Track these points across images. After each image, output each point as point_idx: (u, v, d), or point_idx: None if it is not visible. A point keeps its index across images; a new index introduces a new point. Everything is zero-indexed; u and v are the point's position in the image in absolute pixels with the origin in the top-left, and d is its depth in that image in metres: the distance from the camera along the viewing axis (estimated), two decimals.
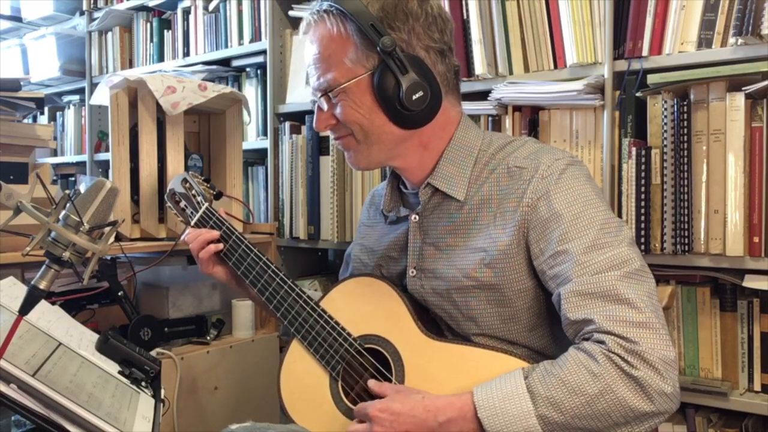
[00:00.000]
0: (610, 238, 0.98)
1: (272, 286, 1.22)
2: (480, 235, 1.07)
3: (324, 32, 1.06)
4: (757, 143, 1.41)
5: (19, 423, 1.07)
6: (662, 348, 0.89)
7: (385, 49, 1.01)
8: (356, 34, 1.03)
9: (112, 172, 1.67)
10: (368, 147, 1.09)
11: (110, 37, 2.99)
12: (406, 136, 1.08)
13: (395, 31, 1.03)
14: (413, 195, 1.17)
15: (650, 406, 0.88)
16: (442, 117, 1.09)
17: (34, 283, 0.84)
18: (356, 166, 1.14)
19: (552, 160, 1.05)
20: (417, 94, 1.03)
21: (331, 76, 1.06)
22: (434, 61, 1.07)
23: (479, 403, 0.91)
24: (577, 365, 0.90)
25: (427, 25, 1.06)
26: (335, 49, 1.05)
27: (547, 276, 1.01)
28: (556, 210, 1.00)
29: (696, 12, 1.49)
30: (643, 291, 0.94)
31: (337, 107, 1.07)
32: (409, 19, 1.04)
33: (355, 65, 1.05)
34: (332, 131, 1.12)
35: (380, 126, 1.06)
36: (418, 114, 1.05)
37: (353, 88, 1.05)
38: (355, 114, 1.06)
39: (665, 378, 0.88)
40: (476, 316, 1.07)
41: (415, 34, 1.05)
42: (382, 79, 1.03)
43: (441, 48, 1.08)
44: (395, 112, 1.04)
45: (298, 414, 1.15)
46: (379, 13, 1.03)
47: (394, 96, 1.03)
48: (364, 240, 1.27)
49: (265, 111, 2.31)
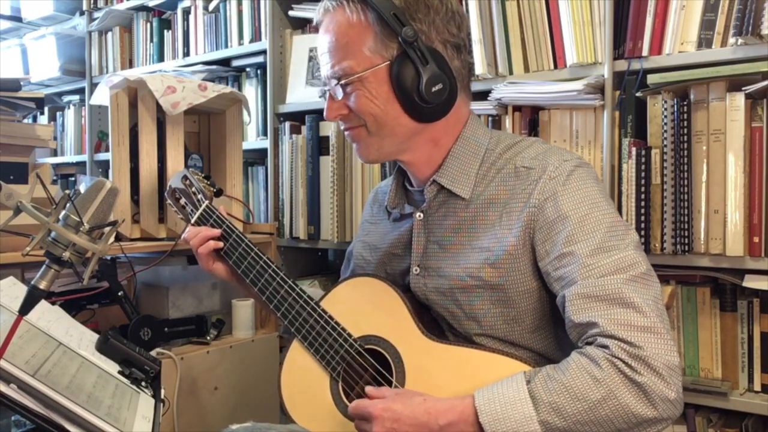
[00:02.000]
0: (617, 241, 0.97)
1: (272, 286, 1.21)
2: (485, 234, 1.07)
3: (342, 19, 1.05)
4: (757, 143, 1.41)
5: (19, 423, 1.07)
6: (666, 353, 0.88)
7: (408, 39, 1.00)
8: (377, 22, 1.02)
9: (112, 172, 1.67)
10: (380, 139, 1.08)
11: (110, 37, 2.99)
12: (418, 129, 1.08)
13: (416, 22, 1.03)
14: (418, 192, 1.17)
15: (653, 412, 0.87)
16: (453, 114, 1.08)
17: (34, 283, 0.84)
18: (365, 158, 1.13)
19: (560, 161, 1.04)
20: (437, 86, 1.02)
21: (348, 64, 1.04)
22: (451, 55, 1.06)
23: (480, 407, 0.90)
24: (579, 370, 0.89)
25: (447, 19, 1.06)
26: (353, 37, 1.04)
27: (552, 277, 1.00)
28: (563, 211, 1.00)
29: (696, 12, 1.49)
30: (649, 295, 0.93)
31: (351, 97, 1.06)
32: (430, 11, 1.04)
33: (373, 54, 1.04)
34: (343, 121, 1.11)
35: (395, 118, 1.06)
36: (434, 107, 1.04)
37: (370, 78, 1.04)
38: (370, 104, 1.05)
39: (669, 384, 0.87)
40: (479, 316, 1.07)
41: (435, 27, 1.04)
42: (402, 70, 1.02)
43: (458, 43, 1.07)
44: (412, 103, 1.03)
45: (298, 414, 1.15)
46: (401, 3, 1.02)
47: (413, 87, 1.02)
48: (367, 237, 1.27)
49: (265, 111, 2.31)
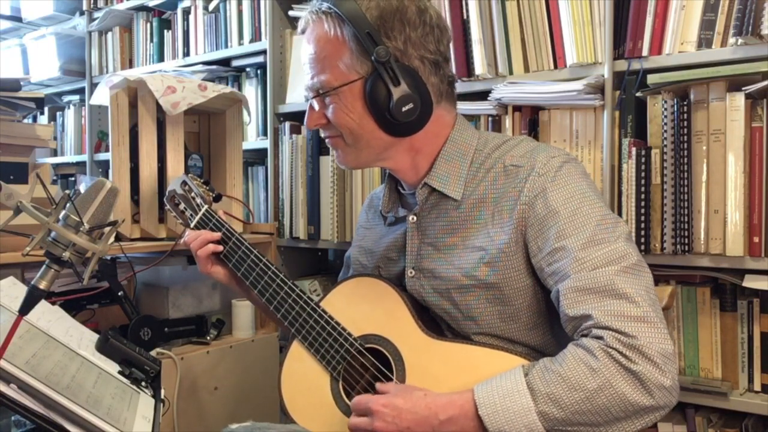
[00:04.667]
0: (607, 233, 0.98)
1: (272, 288, 1.22)
2: (478, 234, 1.07)
3: (321, 33, 1.07)
4: (757, 143, 1.41)
5: (19, 423, 1.07)
6: (660, 342, 0.89)
7: (379, 59, 1.02)
8: (352, 39, 1.04)
9: (112, 172, 1.67)
10: (357, 150, 1.11)
11: (110, 37, 2.99)
12: (395, 141, 1.10)
13: (391, 40, 1.03)
14: (411, 196, 1.18)
15: (650, 400, 0.88)
16: (434, 124, 1.10)
17: (34, 283, 0.84)
18: (345, 165, 1.16)
19: (548, 157, 1.06)
20: (407, 107, 1.04)
21: (325, 78, 1.06)
22: (429, 71, 1.07)
23: (480, 400, 0.92)
24: (576, 361, 0.90)
25: (424, 35, 1.06)
26: (330, 52, 1.06)
27: (545, 273, 1.01)
28: (553, 207, 1.01)
29: (696, 12, 1.49)
30: (641, 285, 0.94)
31: (329, 108, 1.08)
32: (406, 28, 1.05)
33: (349, 70, 1.05)
34: (323, 130, 1.14)
35: (370, 132, 1.07)
36: (407, 124, 1.06)
37: (345, 93, 1.06)
38: (345, 118, 1.07)
39: (664, 372, 0.88)
40: (476, 316, 1.08)
41: (411, 43, 1.05)
42: (374, 88, 1.04)
43: (436, 59, 1.08)
44: (385, 120, 1.05)
45: (298, 414, 1.15)
46: (376, 21, 1.03)
47: (384, 105, 1.04)
48: (363, 242, 1.28)
49: (265, 111, 2.31)
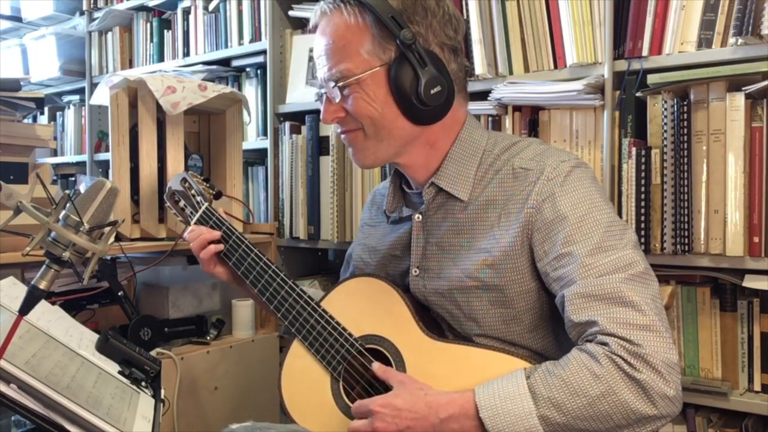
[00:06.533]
0: (615, 240, 0.98)
1: (273, 287, 1.22)
2: (484, 236, 1.07)
3: (340, 22, 1.05)
4: (757, 143, 1.41)
5: (19, 423, 1.07)
6: (665, 351, 0.89)
7: (406, 42, 1.00)
8: (374, 25, 1.02)
9: (112, 172, 1.67)
10: (377, 142, 1.08)
11: (110, 37, 2.99)
12: (416, 132, 1.08)
13: (414, 24, 1.03)
14: (416, 195, 1.17)
15: (652, 409, 0.87)
16: (450, 116, 1.09)
17: (34, 283, 0.84)
18: (361, 163, 1.12)
19: (557, 162, 1.05)
20: (435, 89, 1.02)
21: (345, 67, 1.04)
22: (448, 58, 1.06)
23: (481, 402, 0.91)
24: (579, 366, 0.90)
25: (444, 22, 1.06)
26: (351, 40, 1.04)
27: (550, 278, 1.00)
28: (561, 212, 1.00)
29: (696, 12, 1.49)
30: (648, 294, 0.94)
31: (349, 99, 1.06)
32: (428, 14, 1.04)
33: (371, 57, 1.03)
34: (340, 124, 1.10)
35: (392, 120, 1.05)
36: (432, 110, 1.04)
37: (368, 80, 1.04)
38: (367, 107, 1.05)
39: (668, 381, 0.88)
40: (478, 317, 1.07)
41: (432, 30, 1.04)
42: (400, 72, 1.02)
43: (454, 46, 1.07)
44: (410, 106, 1.04)
45: (298, 414, 1.15)
46: (399, 6, 1.02)
47: (411, 89, 1.02)
48: (367, 239, 1.27)
49: (265, 111, 2.31)
